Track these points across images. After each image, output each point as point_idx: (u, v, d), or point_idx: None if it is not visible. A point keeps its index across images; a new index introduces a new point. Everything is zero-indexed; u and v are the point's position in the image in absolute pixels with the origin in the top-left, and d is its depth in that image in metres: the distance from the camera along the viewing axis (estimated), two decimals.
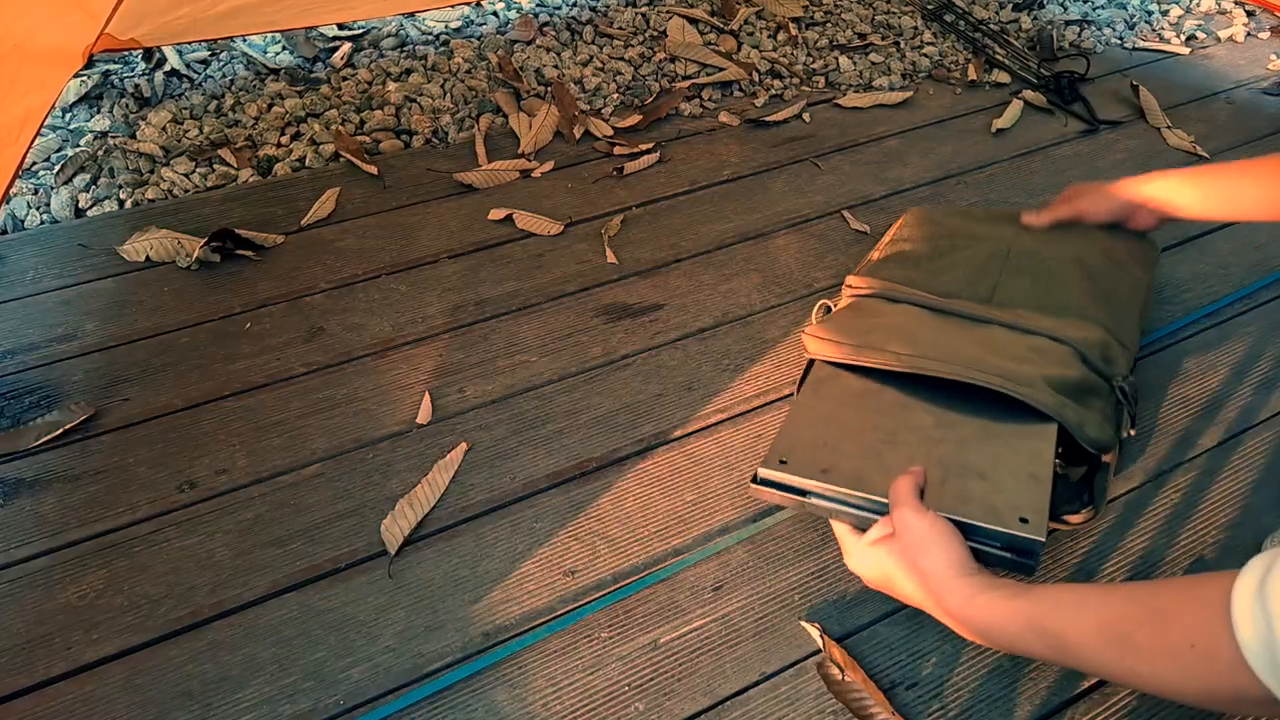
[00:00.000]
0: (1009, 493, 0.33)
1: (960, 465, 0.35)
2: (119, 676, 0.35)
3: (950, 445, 0.36)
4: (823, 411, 0.38)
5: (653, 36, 0.78)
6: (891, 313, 0.43)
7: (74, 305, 0.52)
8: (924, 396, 0.38)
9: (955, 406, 0.37)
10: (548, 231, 0.59)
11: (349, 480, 0.43)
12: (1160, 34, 0.84)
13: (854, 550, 0.34)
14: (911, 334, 0.40)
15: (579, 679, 0.36)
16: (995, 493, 0.33)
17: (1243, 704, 0.23)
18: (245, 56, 0.74)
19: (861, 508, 0.34)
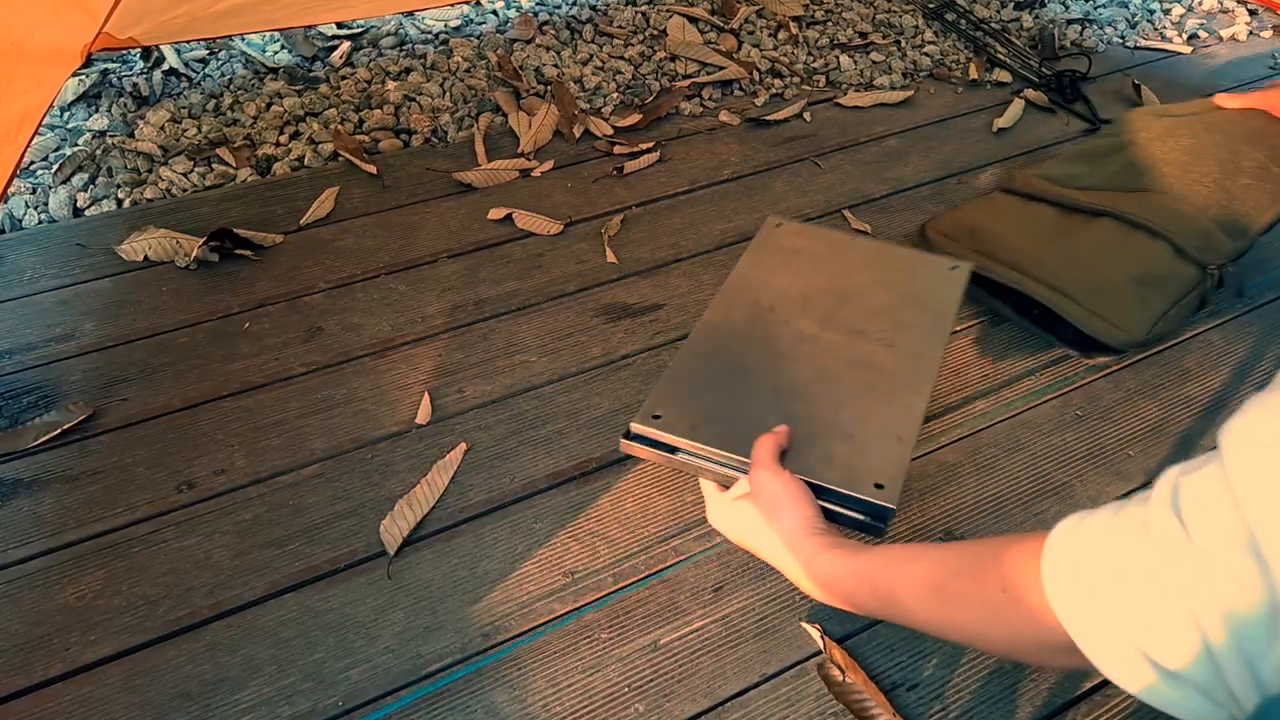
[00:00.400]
0: (871, 455, 0.34)
1: (831, 425, 0.35)
2: (117, 677, 0.35)
3: (826, 403, 0.36)
4: (707, 364, 0.38)
5: (653, 35, 0.78)
6: (1013, 213, 0.51)
7: (72, 305, 0.52)
8: (809, 349, 0.38)
9: (840, 358, 0.38)
10: (547, 231, 0.58)
11: (348, 481, 0.43)
12: (1162, 33, 0.84)
13: (715, 507, 0.35)
14: (1010, 241, 0.49)
15: (579, 680, 0.36)
16: (857, 454, 0.34)
17: (1042, 650, 0.23)
18: (244, 55, 0.74)
19: (726, 465, 0.35)
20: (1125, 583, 0.21)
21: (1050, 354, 0.51)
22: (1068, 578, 0.22)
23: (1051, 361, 0.50)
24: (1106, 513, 0.22)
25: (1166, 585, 0.20)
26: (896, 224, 0.61)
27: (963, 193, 0.63)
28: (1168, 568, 0.20)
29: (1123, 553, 0.21)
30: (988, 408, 0.47)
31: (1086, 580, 0.22)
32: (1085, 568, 0.22)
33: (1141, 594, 0.20)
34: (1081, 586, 0.22)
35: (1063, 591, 0.22)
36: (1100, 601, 0.21)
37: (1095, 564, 0.22)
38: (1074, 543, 0.23)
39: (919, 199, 0.63)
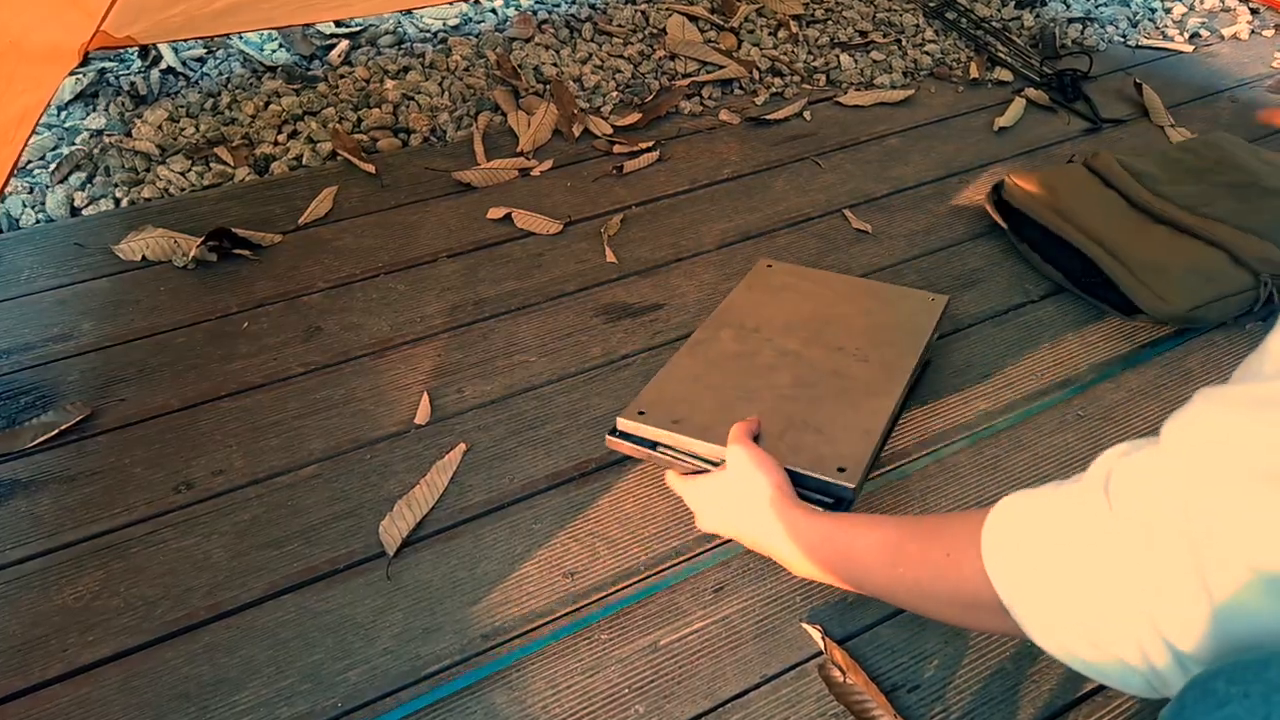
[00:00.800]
0: (837, 445, 0.37)
1: (803, 421, 0.39)
2: (115, 679, 0.35)
3: (802, 403, 0.39)
4: (692, 370, 0.42)
5: (652, 34, 0.78)
6: (1091, 189, 0.56)
7: (70, 305, 0.52)
8: (790, 361, 0.42)
9: (818, 368, 0.41)
10: (547, 230, 0.58)
11: (347, 481, 0.43)
12: (1164, 32, 0.83)
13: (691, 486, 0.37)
14: (1082, 210, 0.53)
15: (578, 681, 0.36)
16: (825, 444, 0.37)
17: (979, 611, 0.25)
18: (242, 54, 0.74)
19: (702, 458, 0.38)
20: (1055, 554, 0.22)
21: (1053, 354, 0.50)
22: (1004, 546, 0.24)
23: (1054, 362, 0.50)
24: (1046, 489, 0.24)
25: (1093, 561, 0.21)
26: (897, 223, 0.60)
27: (964, 192, 0.63)
28: (1094, 540, 0.21)
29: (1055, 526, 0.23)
30: (989, 407, 0.47)
31: (1020, 549, 0.24)
32: (1020, 537, 0.24)
33: (1069, 566, 0.22)
34: (1015, 554, 0.24)
35: (998, 557, 0.24)
36: (1031, 569, 0.23)
37: (1029, 534, 0.24)
38: (1013, 515, 0.24)
39: (920, 198, 0.63)
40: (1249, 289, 0.50)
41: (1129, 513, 0.20)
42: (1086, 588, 0.21)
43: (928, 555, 0.27)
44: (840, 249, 0.58)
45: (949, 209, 0.62)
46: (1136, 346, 0.51)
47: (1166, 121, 0.70)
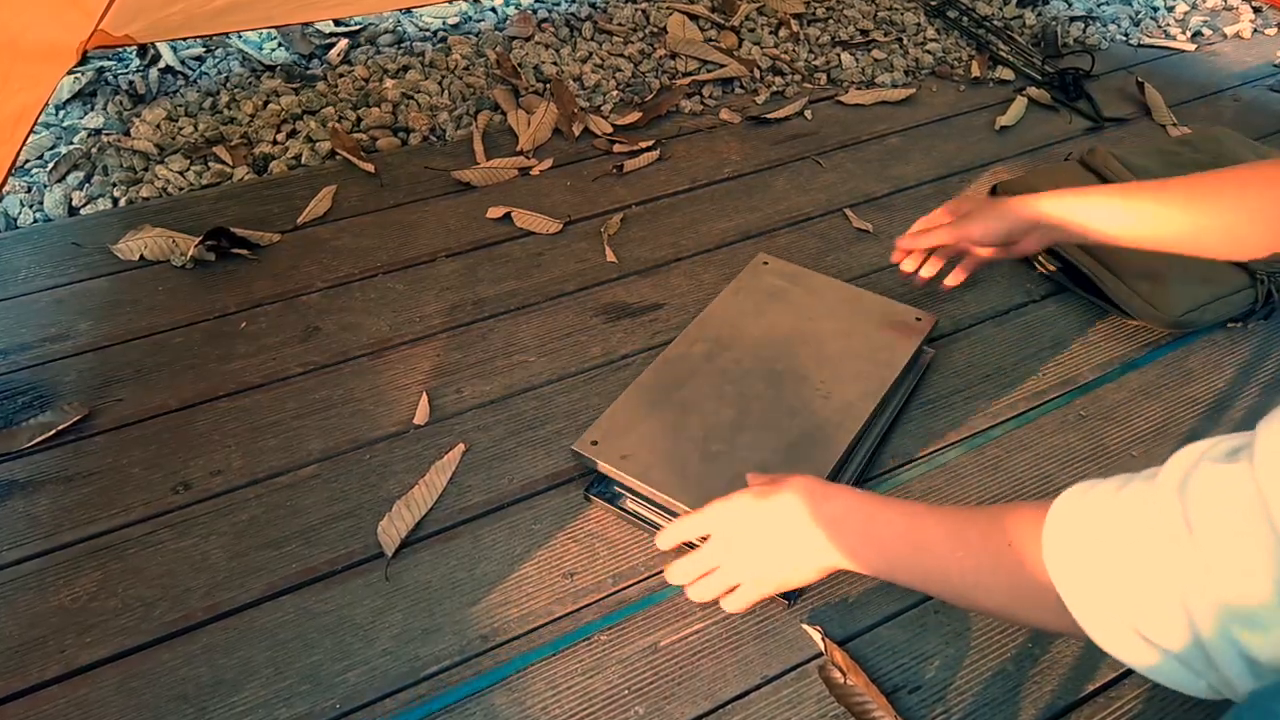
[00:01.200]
0: None
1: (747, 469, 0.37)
2: (113, 680, 0.35)
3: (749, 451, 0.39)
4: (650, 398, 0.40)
5: (653, 33, 0.78)
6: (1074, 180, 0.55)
7: (67, 304, 0.51)
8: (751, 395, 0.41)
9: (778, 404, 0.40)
10: (546, 230, 0.58)
11: (345, 482, 0.42)
12: (1166, 30, 0.83)
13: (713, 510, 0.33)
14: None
15: (578, 682, 0.35)
16: None
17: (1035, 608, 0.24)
18: (241, 53, 0.73)
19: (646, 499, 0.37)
20: (1119, 555, 0.21)
21: (1055, 355, 0.50)
22: (1065, 543, 0.23)
23: (1055, 362, 0.50)
24: (1112, 485, 0.23)
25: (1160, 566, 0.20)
26: (898, 222, 0.60)
27: (965, 191, 0.63)
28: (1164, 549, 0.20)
29: (1121, 526, 0.22)
30: (990, 408, 0.47)
31: (1082, 547, 0.23)
32: (1083, 535, 0.23)
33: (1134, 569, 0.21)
34: (1077, 553, 0.23)
35: (1059, 555, 0.23)
36: (1093, 570, 0.22)
37: (1093, 533, 0.23)
38: (1076, 511, 0.23)
39: (921, 197, 0.62)
40: (1246, 288, 0.50)
41: (1210, 529, 0.19)
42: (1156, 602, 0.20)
43: (990, 545, 0.25)
44: (841, 248, 0.58)
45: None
46: (1138, 346, 0.51)
47: (1169, 120, 0.70)
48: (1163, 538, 0.20)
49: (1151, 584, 0.20)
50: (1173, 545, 0.20)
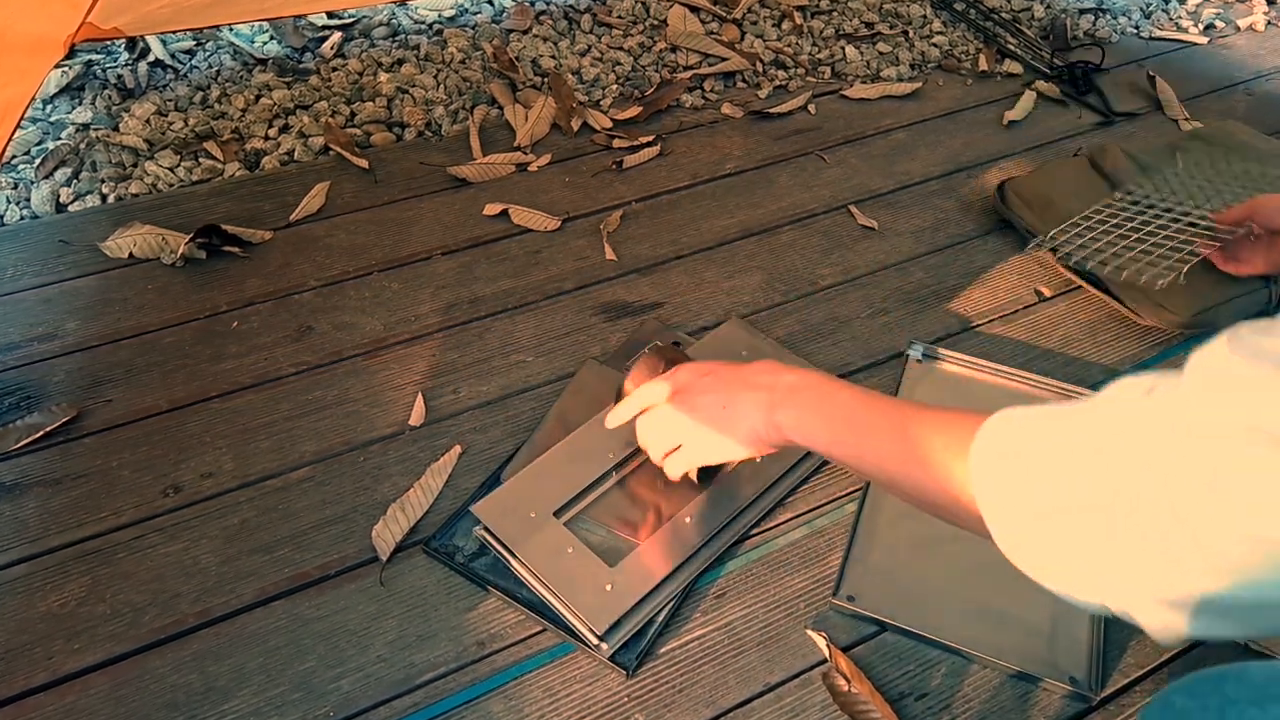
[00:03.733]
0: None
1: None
2: (102, 687, 0.34)
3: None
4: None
5: (653, 25, 0.76)
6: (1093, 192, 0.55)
7: (55, 304, 0.51)
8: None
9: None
10: (544, 227, 0.57)
11: (339, 484, 0.42)
12: (1177, 23, 0.82)
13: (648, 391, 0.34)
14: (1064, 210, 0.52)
15: (577, 689, 0.35)
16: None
17: (955, 507, 0.24)
18: (232, 46, 0.72)
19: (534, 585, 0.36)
20: (1043, 479, 0.21)
21: (1064, 354, 0.49)
22: (993, 459, 0.23)
23: (1064, 363, 0.49)
24: (1044, 408, 0.23)
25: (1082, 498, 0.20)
26: (903, 220, 0.59)
27: (973, 187, 0.62)
28: (1088, 476, 0.20)
29: (1048, 446, 0.22)
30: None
31: (1008, 466, 0.22)
32: (1010, 455, 0.22)
33: (1056, 496, 0.20)
34: (1003, 472, 0.22)
35: (984, 472, 0.23)
36: (1016, 493, 0.22)
37: (1020, 453, 0.22)
38: (1007, 426, 0.23)
39: (927, 193, 0.61)
40: (1259, 289, 0.49)
41: (1125, 452, 0.19)
42: (1072, 528, 0.20)
43: (926, 438, 0.25)
44: (845, 246, 0.57)
45: (957, 205, 0.60)
46: (1149, 346, 0.50)
47: (1180, 115, 0.69)
48: (1084, 456, 0.20)
49: (1072, 513, 0.20)
50: (1093, 466, 0.19)
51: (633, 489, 0.40)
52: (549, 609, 0.36)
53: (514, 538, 0.37)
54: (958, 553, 0.39)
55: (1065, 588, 0.21)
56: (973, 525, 0.23)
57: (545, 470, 0.39)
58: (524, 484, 0.39)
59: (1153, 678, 0.36)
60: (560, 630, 0.36)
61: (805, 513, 0.41)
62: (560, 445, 0.40)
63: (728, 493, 0.39)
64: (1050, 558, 0.21)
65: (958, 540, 0.38)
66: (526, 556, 0.37)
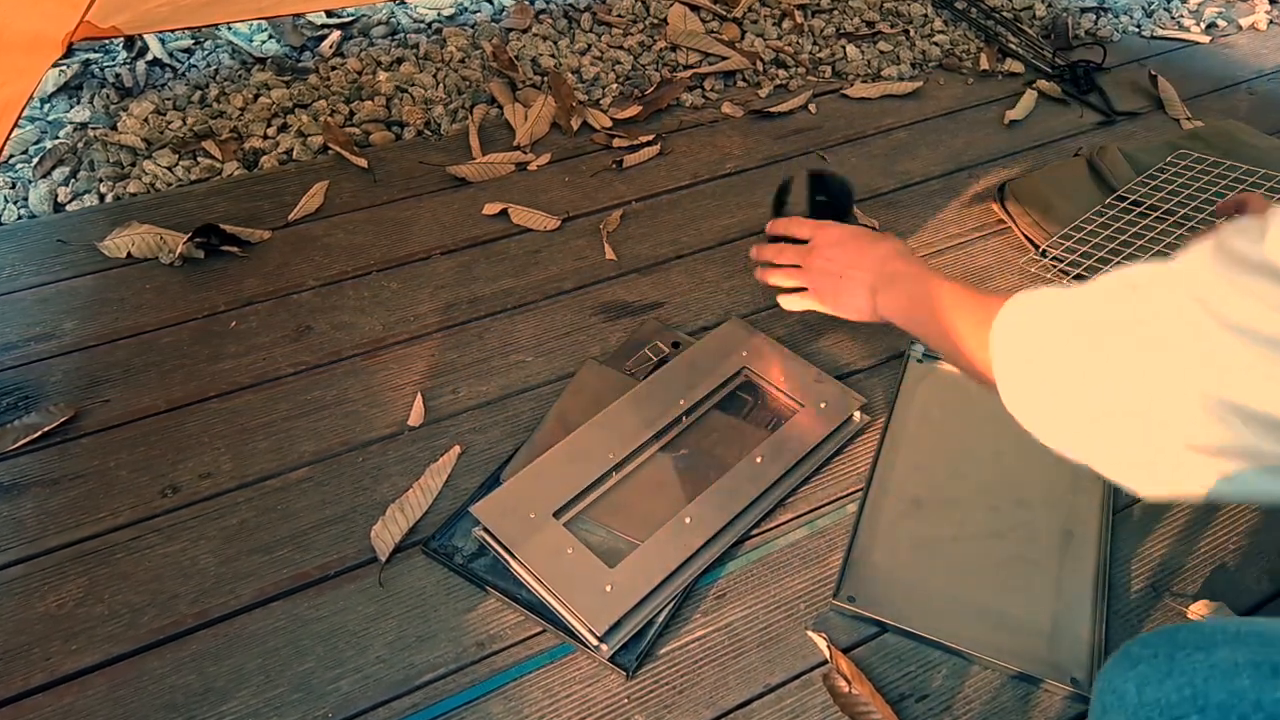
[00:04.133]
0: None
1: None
2: (100, 688, 0.34)
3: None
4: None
5: (653, 24, 0.76)
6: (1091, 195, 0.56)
7: (52, 303, 0.51)
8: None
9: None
10: (544, 227, 0.57)
11: (338, 485, 0.42)
12: (1179, 22, 0.81)
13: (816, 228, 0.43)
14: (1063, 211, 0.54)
15: (576, 690, 0.35)
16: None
17: (985, 378, 0.28)
18: (230, 45, 0.72)
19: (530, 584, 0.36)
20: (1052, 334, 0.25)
21: None
22: (1007, 330, 0.27)
23: None
24: (1066, 291, 0.26)
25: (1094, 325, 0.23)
26: (904, 219, 0.59)
27: (974, 187, 0.62)
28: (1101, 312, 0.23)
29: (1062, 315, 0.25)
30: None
31: (1023, 340, 0.26)
32: (1024, 324, 0.26)
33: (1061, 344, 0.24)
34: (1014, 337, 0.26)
35: (999, 341, 0.27)
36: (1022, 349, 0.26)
37: (1032, 323, 0.26)
38: (1027, 303, 0.27)
39: (928, 193, 0.61)
40: None
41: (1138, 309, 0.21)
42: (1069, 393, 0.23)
43: (974, 317, 0.29)
44: None
45: (958, 204, 0.60)
46: None
47: (1182, 114, 0.68)
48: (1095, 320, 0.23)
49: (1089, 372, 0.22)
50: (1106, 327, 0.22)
51: (633, 489, 0.40)
52: (548, 610, 0.36)
53: (513, 538, 0.37)
54: (958, 553, 0.39)
55: (1061, 445, 0.23)
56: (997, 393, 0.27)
57: (545, 470, 0.39)
58: (523, 484, 0.39)
59: None
60: (560, 631, 0.36)
61: (806, 513, 0.41)
62: (560, 445, 0.40)
63: (728, 493, 0.39)
64: (1049, 418, 0.24)
65: (958, 541, 0.39)
66: (526, 557, 0.36)
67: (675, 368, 0.44)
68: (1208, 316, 0.19)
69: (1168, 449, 0.20)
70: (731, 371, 0.44)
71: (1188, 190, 0.56)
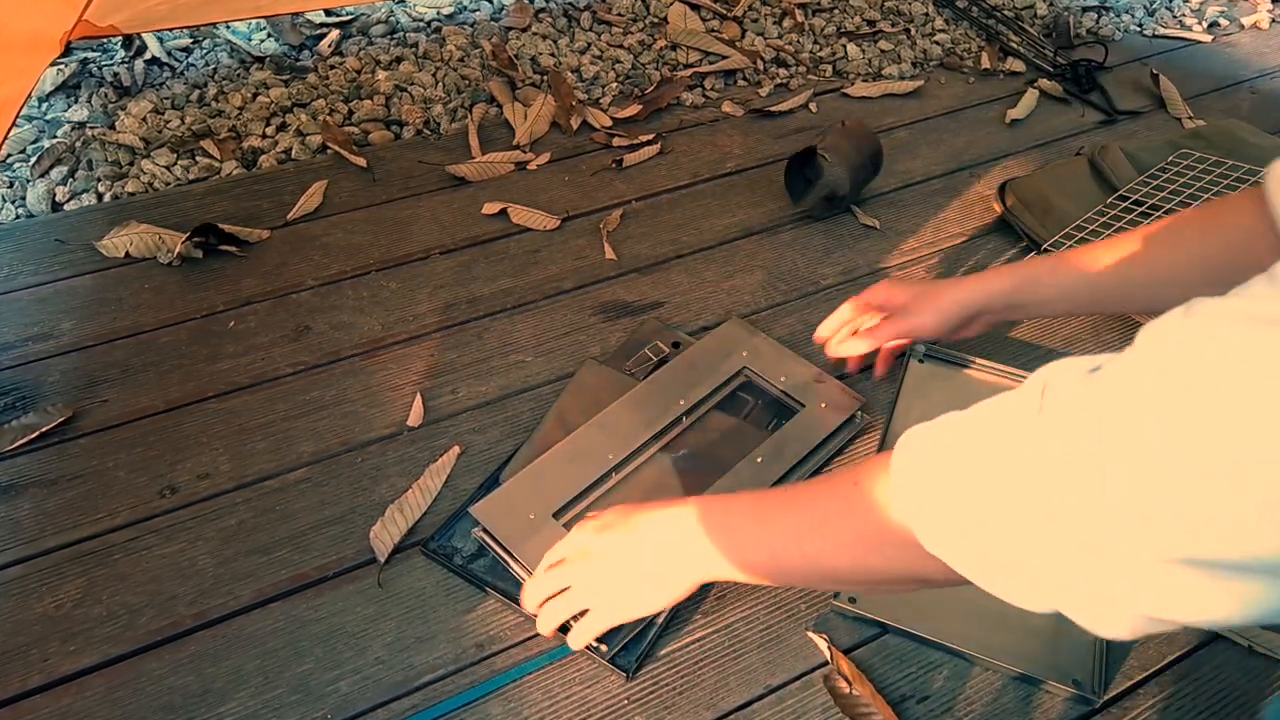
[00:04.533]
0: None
1: None
2: (98, 689, 0.34)
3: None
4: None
5: (653, 23, 0.76)
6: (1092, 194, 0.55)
7: (50, 303, 0.50)
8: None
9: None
10: (544, 226, 0.57)
11: (337, 485, 0.41)
12: (1181, 20, 0.81)
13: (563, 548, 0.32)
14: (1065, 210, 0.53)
15: (576, 692, 0.35)
16: None
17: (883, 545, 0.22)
18: (229, 44, 0.72)
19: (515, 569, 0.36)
20: (968, 459, 0.19)
21: (1062, 357, 0.49)
22: (914, 462, 0.21)
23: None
24: (971, 408, 0.21)
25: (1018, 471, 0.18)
26: (906, 219, 0.59)
27: (975, 186, 0.61)
28: (1023, 453, 0.18)
29: (975, 438, 0.20)
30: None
31: (931, 462, 0.21)
32: (934, 452, 0.21)
33: (983, 470, 0.19)
34: (925, 468, 0.21)
35: (905, 474, 0.21)
36: (940, 480, 0.20)
37: (944, 448, 0.20)
38: (930, 431, 0.21)
39: (929, 192, 0.61)
40: None
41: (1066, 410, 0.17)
42: (1008, 505, 0.18)
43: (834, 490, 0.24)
44: (847, 245, 0.57)
45: (959, 204, 0.60)
46: None
47: (1184, 113, 0.68)
48: (1019, 437, 0.18)
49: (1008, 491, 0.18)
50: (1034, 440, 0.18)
51: (633, 490, 0.40)
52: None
53: (513, 539, 0.37)
54: None
55: (1008, 594, 0.19)
56: (910, 564, 0.21)
57: (544, 471, 0.39)
58: (523, 485, 0.39)
59: (1157, 680, 0.36)
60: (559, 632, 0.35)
61: None
62: (560, 446, 0.40)
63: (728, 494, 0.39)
64: (990, 564, 0.19)
65: None
66: (525, 558, 0.36)
67: (675, 368, 0.44)
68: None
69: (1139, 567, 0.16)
70: (732, 371, 0.44)
71: (1190, 190, 0.56)
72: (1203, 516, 0.15)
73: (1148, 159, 0.58)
